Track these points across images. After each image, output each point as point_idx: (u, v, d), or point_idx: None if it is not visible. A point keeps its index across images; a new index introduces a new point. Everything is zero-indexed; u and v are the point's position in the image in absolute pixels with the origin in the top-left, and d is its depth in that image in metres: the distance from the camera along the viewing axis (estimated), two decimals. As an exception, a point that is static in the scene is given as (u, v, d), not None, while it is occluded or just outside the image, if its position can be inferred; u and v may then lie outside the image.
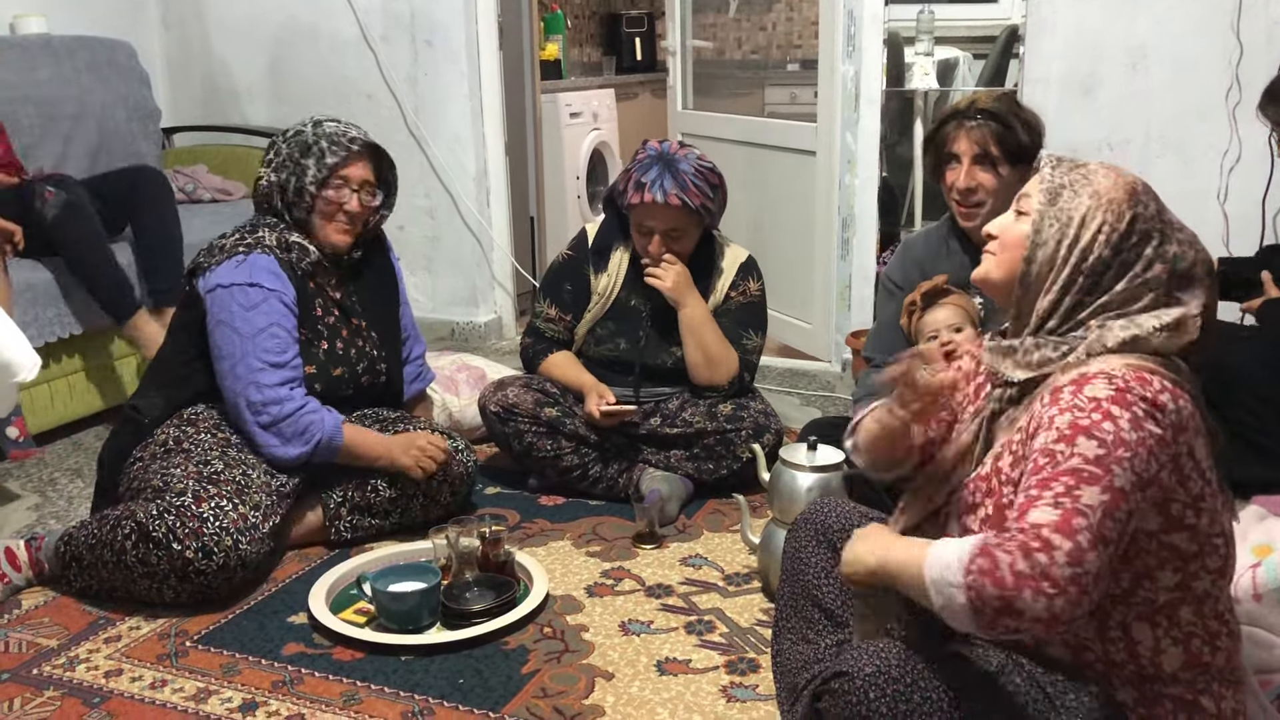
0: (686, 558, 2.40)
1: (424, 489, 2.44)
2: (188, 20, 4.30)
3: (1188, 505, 1.27)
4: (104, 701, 1.88)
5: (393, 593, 2.09)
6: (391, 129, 4.06)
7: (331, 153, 2.39)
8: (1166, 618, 1.31)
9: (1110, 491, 1.20)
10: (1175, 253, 1.33)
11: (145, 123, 3.93)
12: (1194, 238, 1.36)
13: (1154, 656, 1.31)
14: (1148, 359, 1.30)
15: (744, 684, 1.91)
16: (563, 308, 2.79)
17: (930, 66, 4.35)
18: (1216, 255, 2.84)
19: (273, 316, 2.29)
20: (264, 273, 2.30)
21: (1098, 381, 1.27)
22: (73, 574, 2.20)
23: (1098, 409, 1.24)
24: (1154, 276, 1.33)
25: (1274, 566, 1.88)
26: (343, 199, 2.41)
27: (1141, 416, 1.23)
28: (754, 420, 2.63)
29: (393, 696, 1.88)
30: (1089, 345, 1.32)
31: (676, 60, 4.25)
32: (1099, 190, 1.35)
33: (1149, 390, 1.25)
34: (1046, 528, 1.18)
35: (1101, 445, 1.22)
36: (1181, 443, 1.26)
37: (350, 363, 2.47)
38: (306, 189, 2.38)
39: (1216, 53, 3.06)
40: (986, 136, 2.26)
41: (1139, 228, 1.33)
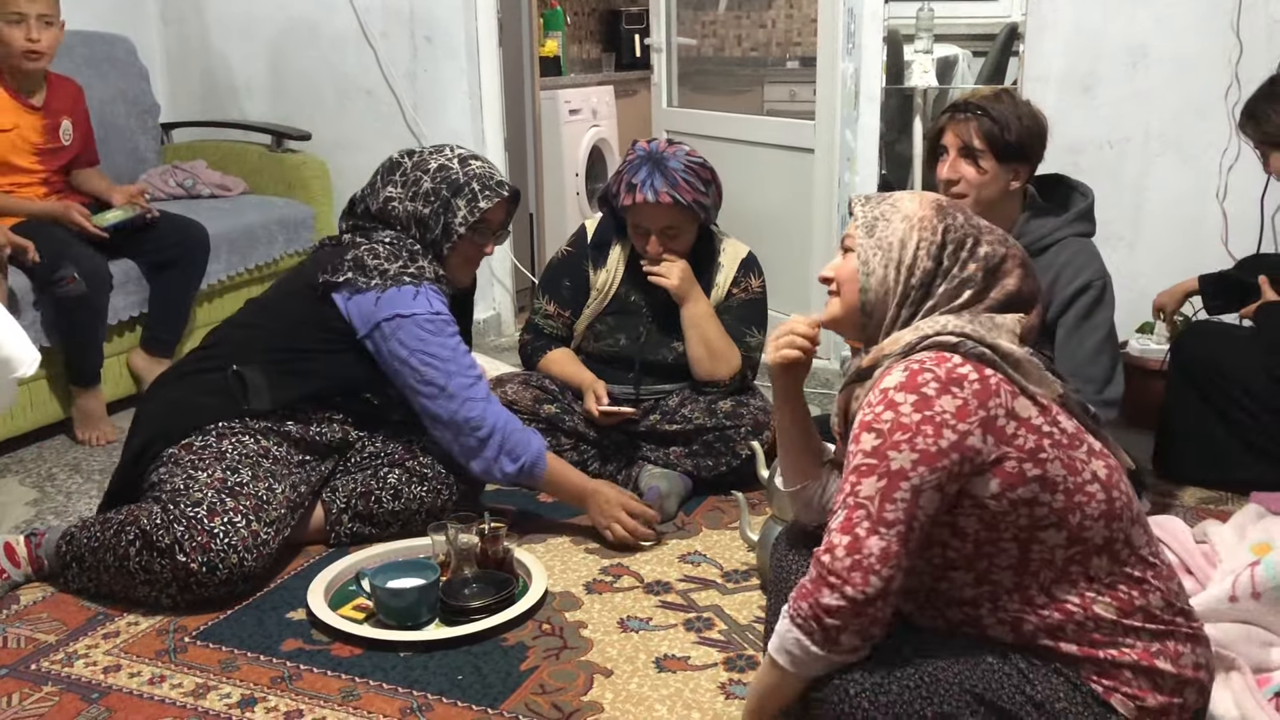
0: (685, 555, 2.40)
1: (428, 505, 2.42)
2: (187, 15, 4.29)
3: (1024, 460, 1.34)
4: (102, 697, 1.88)
5: (391, 589, 2.08)
6: (390, 125, 4.06)
7: (484, 197, 2.36)
8: (1082, 573, 1.37)
9: (886, 476, 1.32)
10: (987, 252, 1.46)
11: (144, 118, 3.92)
12: (1003, 236, 1.49)
13: (1087, 611, 1.36)
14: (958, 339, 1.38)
15: (742, 681, 1.91)
16: (562, 304, 2.79)
17: (930, 64, 4.34)
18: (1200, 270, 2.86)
19: (456, 339, 2.33)
20: (440, 304, 2.32)
21: (895, 370, 1.37)
22: (72, 574, 2.19)
23: (884, 400, 1.35)
24: (970, 275, 1.45)
25: (1273, 565, 1.88)
26: (484, 245, 2.43)
27: (933, 394, 1.33)
28: (753, 417, 2.64)
29: (391, 693, 1.88)
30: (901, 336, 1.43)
31: (662, 58, 4.23)
32: (908, 214, 1.48)
33: (944, 366, 1.35)
34: (834, 530, 1.35)
35: (878, 435, 1.34)
36: (993, 406, 1.33)
37: None
38: (455, 229, 2.35)
39: (1216, 51, 3.06)
40: (972, 130, 2.28)
41: (952, 236, 1.46)
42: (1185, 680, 1.37)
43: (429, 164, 2.39)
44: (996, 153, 2.28)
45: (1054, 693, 1.35)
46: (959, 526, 1.37)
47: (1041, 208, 2.41)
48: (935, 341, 1.38)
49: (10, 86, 3.05)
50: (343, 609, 2.14)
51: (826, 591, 1.32)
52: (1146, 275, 3.19)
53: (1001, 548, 1.36)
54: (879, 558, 1.31)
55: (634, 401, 2.72)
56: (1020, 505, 1.34)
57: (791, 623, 1.35)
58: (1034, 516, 1.35)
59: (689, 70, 5.68)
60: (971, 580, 1.39)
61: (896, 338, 1.42)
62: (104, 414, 3.06)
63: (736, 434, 2.62)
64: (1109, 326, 2.36)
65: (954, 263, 1.45)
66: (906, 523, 1.32)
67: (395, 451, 2.43)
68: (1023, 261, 1.47)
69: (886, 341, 1.44)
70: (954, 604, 1.41)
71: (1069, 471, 1.35)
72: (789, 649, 1.37)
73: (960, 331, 1.38)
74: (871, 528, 1.31)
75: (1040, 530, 1.35)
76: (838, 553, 1.32)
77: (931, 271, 1.45)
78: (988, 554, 1.37)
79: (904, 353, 1.40)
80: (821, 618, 1.32)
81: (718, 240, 2.78)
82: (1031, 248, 2.37)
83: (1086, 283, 2.33)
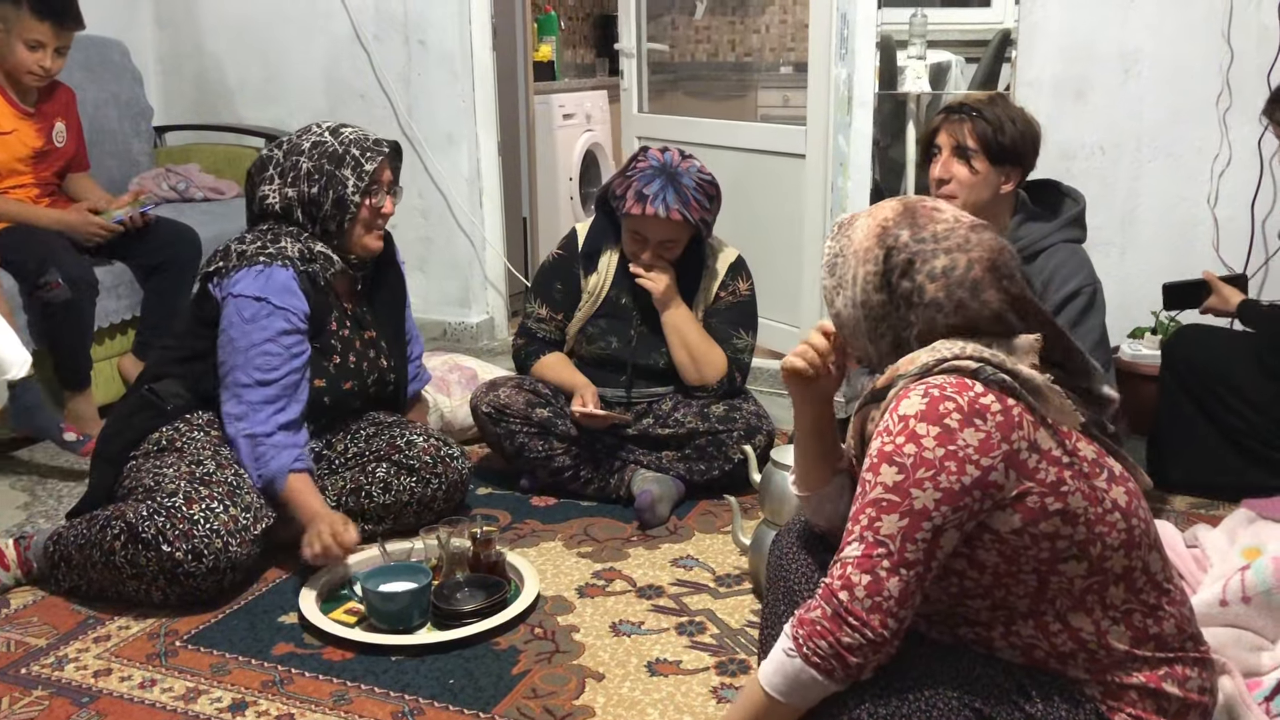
0: (678, 559, 2.40)
1: (418, 495, 2.44)
2: (180, 19, 4.29)
3: (1046, 494, 1.30)
4: (93, 701, 1.88)
5: (383, 593, 2.08)
6: (384, 129, 4.05)
7: (367, 159, 2.36)
8: (1098, 602, 1.33)
9: (909, 515, 1.27)
10: (943, 266, 1.34)
11: (137, 121, 3.92)
12: (963, 242, 1.35)
13: (1100, 639, 1.33)
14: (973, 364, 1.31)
15: (734, 685, 1.91)
16: (554, 307, 2.79)
17: (923, 70, 4.35)
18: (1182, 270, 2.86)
19: (270, 331, 2.25)
20: (277, 288, 2.26)
21: (914, 395, 1.30)
22: (61, 574, 2.19)
23: (904, 430, 1.28)
24: (933, 298, 1.35)
25: (1262, 569, 1.89)
26: (381, 204, 2.40)
27: (955, 427, 1.27)
28: (746, 421, 2.64)
29: (383, 697, 1.88)
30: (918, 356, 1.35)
31: (631, 63, 4.20)
32: (856, 246, 1.39)
33: (965, 395, 1.28)
34: (851, 564, 1.29)
35: (901, 470, 1.28)
36: (1016, 440, 1.28)
37: (361, 376, 2.47)
38: (349, 199, 2.33)
39: (1208, 58, 3.07)
40: (965, 130, 2.29)
41: (895, 261, 1.36)
42: (1190, 704, 1.35)
43: (302, 145, 2.37)
44: (989, 154, 2.29)
45: (1055, 711, 1.33)
46: (978, 559, 1.33)
47: (1033, 213, 2.42)
48: (953, 365, 1.31)
49: (4, 92, 3.05)
50: (335, 612, 2.14)
51: (847, 631, 1.28)
52: (1138, 280, 3.20)
53: (1020, 579, 1.33)
54: (899, 600, 1.28)
55: (626, 405, 2.72)
56: (1041, 539, 1.30)
57: (806, 661, 1.30)
58: (1055, 549, 1.31)
59: (682, 75, 5.70)
60: (988, 606, 1.36)
61: (913, 358, 1.35)
62: (95, 416, 3.05)
63: (729, 438, 2.62)
64: (1100, 332, 2.36)
65: (909, 287, 1.35)
66: (925, 562, 1.28)
67: (380, 448, 2.45)
68: (991, 264, 1.34)
69: (902, 361, 1.37)
70: (966, 624, 1.39)
71: (1090, 502, 1.31)
72: (799, 684, 1.32)
73: (979, 356, 1.31)
74: (892, 568, 1.27)
75: (1060, 562, 1.32)
76: (857, 592, 1.28)
77: (883, 303, 1.38)
78: (1006, 584, 1.34)
79: (920, 374, 1.33)
80: (845, 657, 1.28)
81: (708, 245, 2.78)
82: (1023, 253, 2.37)
83: (1077, 289, 2.33)
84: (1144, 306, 3.09)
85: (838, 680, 1.31)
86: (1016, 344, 1.35)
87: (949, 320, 1.35)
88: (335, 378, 2.41)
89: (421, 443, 2.46)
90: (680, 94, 5.49)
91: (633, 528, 2.54)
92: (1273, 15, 2.98)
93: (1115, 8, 3.15)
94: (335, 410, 2.43)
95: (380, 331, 2.53)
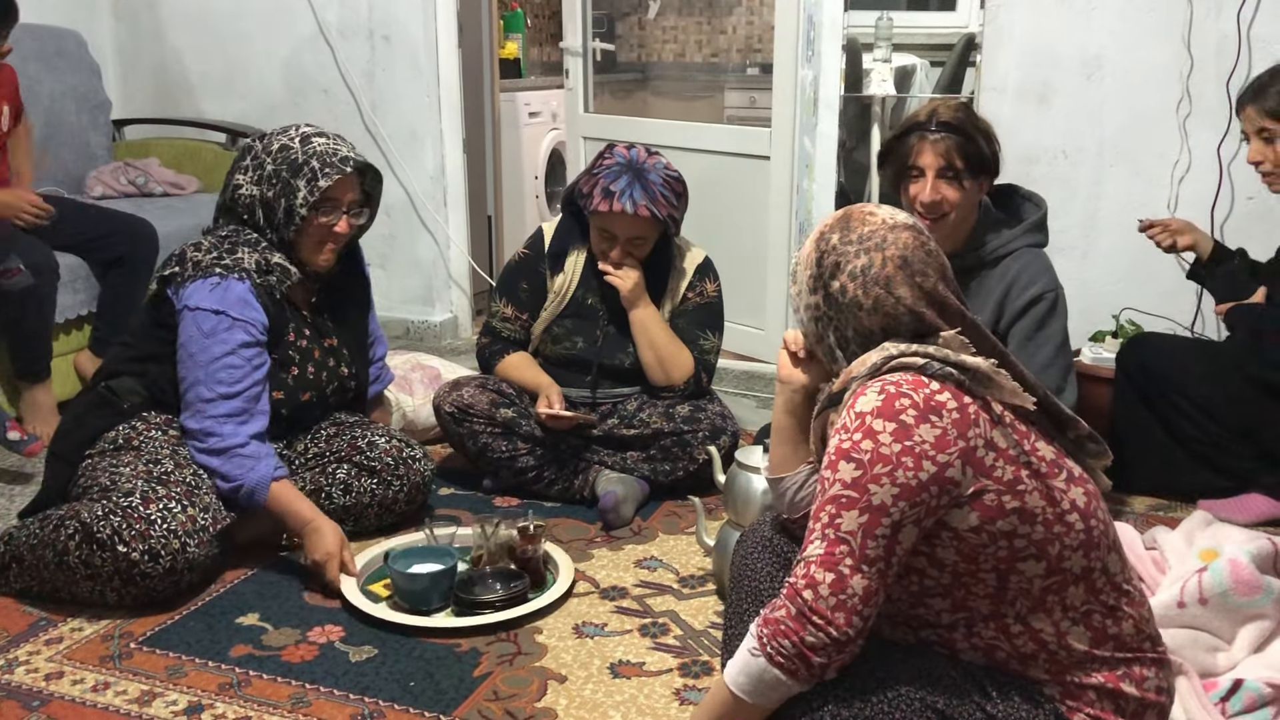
0: (641, 560, 2.39)
1: (379, 497, 2.42)
2: (139, 10, 4.23)
3: (1003, 492, 1.31)
4: (44, 705, 1.84)
5: (404, 572, 2.13)
6: (348, 125, 4.01)
7: (324, 175, 2.28)
8: (1058, 603, 1.35)
9: (869, 511, 1.29)
10: (861, 265, 1.39)
11: (95, 114, 3.85)
12: (880, 241, 1.39)
13: (1060, 639, 1.35)
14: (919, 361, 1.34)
15: (697, 686, 1.91)
16: (519, 306, 2.77)
17: (888, 73, 4.38)
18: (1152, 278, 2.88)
19: (230, 344, 2.21)
20: (234, 301, 2.22)
21: (869, 392, 1.33)
22: (13, 575, 2.15)
23: (861, 426, 1.31)
24: (853, 297, 1.39)
25: (1219, 571, 1.91)
26: (333, 223, 2.33)
27: (911, 423, 1.29)
28: (711, 422, 2.64)
29: (342, 699, 1.86)
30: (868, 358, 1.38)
31: (577, 62, 4.18)
32: (804, 253, 1.46)
33: (921, 392, 1.31)
34: (814, 563, 1.30)
35: (859, 466, 1.30)
36: (972, 436, 1.31)
37: (319, 386, 2.43)
38: (296, 211, 2.28)
39: (1168, 65, 3.11)
40: (951, 150, 2.26)
41: (824, 264, 1.41)
42: (1148, 703, 1.37)
43: (272, 145, 2.32)
44: (973, 170, 2.29)
45: (1016, 711, 1.33)
46: (937, 557, 1.34)
47: (996, 218, 2.43)
48: (901, 363, 1.34)
49: None
50: (375, 585, 2.22)
51: (811, 630, 1.29)
52: (1099, 284, 3.24)
53: (979, 578, 1.34)
54: (862, 598, 1.28)
55: (591, 405, 2.71)
56: (999, 537, 1.32)
57: (770, 661, 1.31)
58: (1013, 548, 1.32)
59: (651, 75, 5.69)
60: (948, 606, 1.37)
61: (864, 359, 1.38)
62: (54, 407, 2.99)
63: (694, 438, 2.62)
64: (1062, 337, 2.38)
65: (835, 289, 1.40)
66: (886, 559, 1.29)
67: (341, 448, 2.43)
68: (902, 260, 1.38)
69: (854, 364, 1.39)
70: (928, 626, 1.40)
71: (1048, 502, 1.33)
72: (764, 684, 1.32)
73: (924, 352, 1.34)
74: (854, 566, 1.28)
75: (1019, 561, 1.33)
76: (821, 590, 1.29)
77: (820, 304, 1.42)
78: (965, 583, 1.35)
79: (870, 373, 1.36)
80: (809, 657, 1.29)
81: (675, 246, 2.78)
82: (986, 258, 2.39)
83: (1039, 294, 2.35)
84: (1105, 310, 3.12)
85: (801, 680, 1.31)
86: (946, 341, 1.37)
87: (871, 320, 1.39)
88: (293, 389, 2.37)
89: (383, 444, 2.43)
90: (648, 94, 5.48)
91: (596, 529, 2.53)
92: (1232, 23, 3.02)
93: (1078, 14, 3.18)
94: (292, 421, 2.41)
95: (341, 339, 2.50)
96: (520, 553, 2.23)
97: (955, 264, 2.36)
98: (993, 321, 2.36)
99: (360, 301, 2.59)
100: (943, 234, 2.31)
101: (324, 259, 2.37)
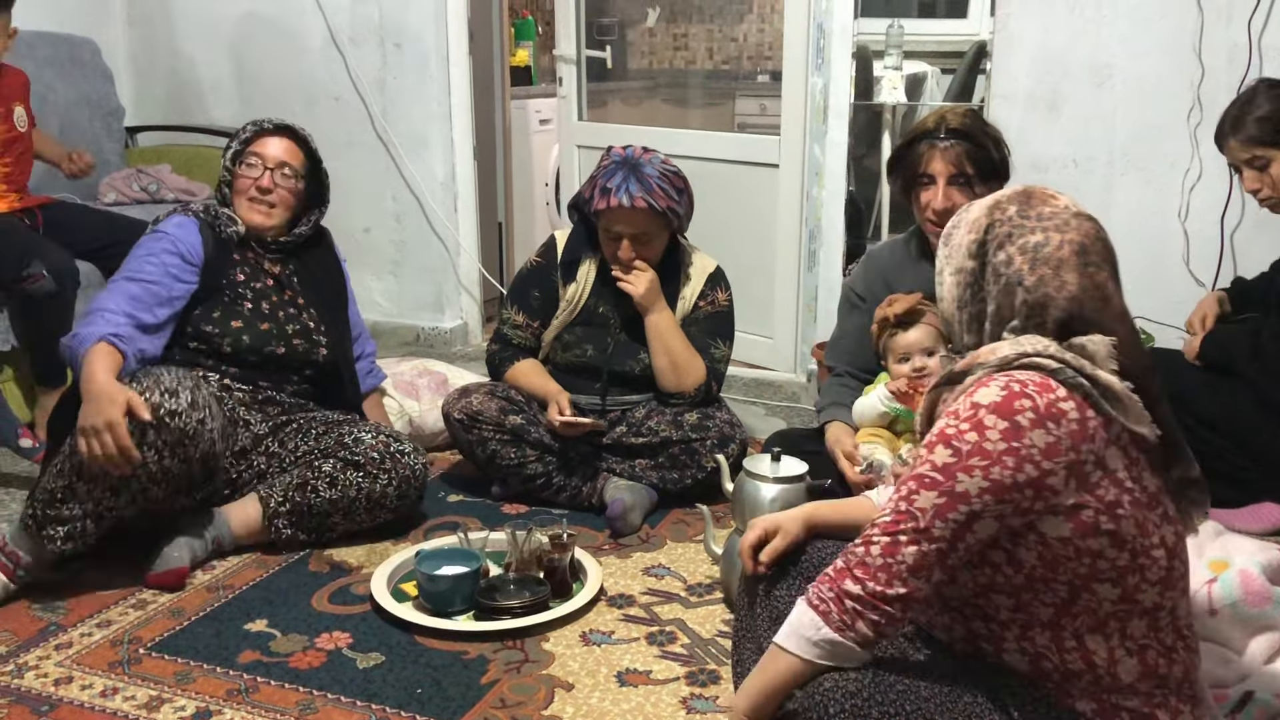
0: (649, 568, 2.39)
1: (366, 491, 2.41)
2: (153, 18, 4.25)
3: (1101, 512, 1.29)
4: (52, 710, 1.85)
5: (428, 574, 2.15)
6: (359, 132, 4.03)
7: (247, 129, 2.55)
8: (1118, 630, 1.33)
9: (948, 495, 1.28)
10: (1035, 241, 1.35)
11: (108, 121, 3.88)
12: (1062, 224, 1.36)
13: (1110, 666, 1.33)
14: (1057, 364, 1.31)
15: (704, 695, 1.90)
16: (530, 314, 2.78)
17: (899, 81, 4.37)
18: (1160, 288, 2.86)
19: (153, 250, 2.41)
20: (172, 225, 2.46)
21: (993, 385, 1.30)
22: (52, 531, 2.14)
23: (972, 419, 1.29)
24: (1017, 270, 1.35)
25: (1229, 582, 1.90)
26: (254, 174, 2.51)
27: (1026, 425, 1.27)
28: (719, 430, 2.63)
29: (349, 706, 1.86)
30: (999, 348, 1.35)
31: (571, 70, 4.18)
32: (970, 218, 1.42)
33: (1045, 397, 1.28)
34: (877, 527, 1.32)
35: (955, 454, 1.28)
36: (1085, 451, 1.28)
37: (279, 321, 2.51)
38: (226, 165, 2.53)
39: (1179, 73, 3.10)
40: (961, 157, 2.26)
41: (995, 232, 1.38)
42: None
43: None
44: (984, 176, 2.29)
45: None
46: (1017, 557, 1.32)
47: None
48: (1035, 362, 1.30)
49: None
50: (407, 584, 2.26)
51: (849, 580, 1.31)
52: (1109, 293, 3.22)
53: (1052, 587, 1.32)
54: (910, 567, 1.29)
55: (600, 412, 2.71)
56: (1085, 554, 1.30)
57: (808, 605, 1.34)
58: (1094, 568, 1.30)
59: (661, 83, 5.69)
60: (1011, 605, 1.35)
61: (994, 348, 1.35)
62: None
63: (702, 446, 2.62)
64: None
65: (1003, 258, 1.36)
66: (951, 542, 1.28)
67: (328, 445, 2.43)
68: (1080, 247, 1.34)
69: (984, 350, 1.36)
70: (982, 619, 1.38)
71: (1140, 533, 1.31)
72: (803, 633, 1.34)
73: (1060, 357, 1.30)
74: (913, 538, 1.29)
75: (1096, 582, 1.31)
76: (873, 549, 1.30)
77: (974, 270, 1.38)
78: (1036, 589, 1.33)
79: (999, 365, 1.32)
80: (843, 601, 1.31)
81: (686, 253, 2.78)
82: None
83: None
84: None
85: (833, 625, 1.31)
86: (1093, 349, 1.32)
87: (1024, 299, 1.34)
88: (251, 319, 2.48)
89: (369, 440, 2.43)
90: (658, 101, 5.49)
91: (604, 536, 2.53)
92: (1243, 32, 3.01)
93: (1089, 22, 3.17)
94: (262, 357, 2.48)
95: (308, 300, 2.60)
96: (548, 560, 2.23)
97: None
98: None
99: (333, 280, 2.70)
100: None
101: (255, 216, 2.52)
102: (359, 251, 4.15)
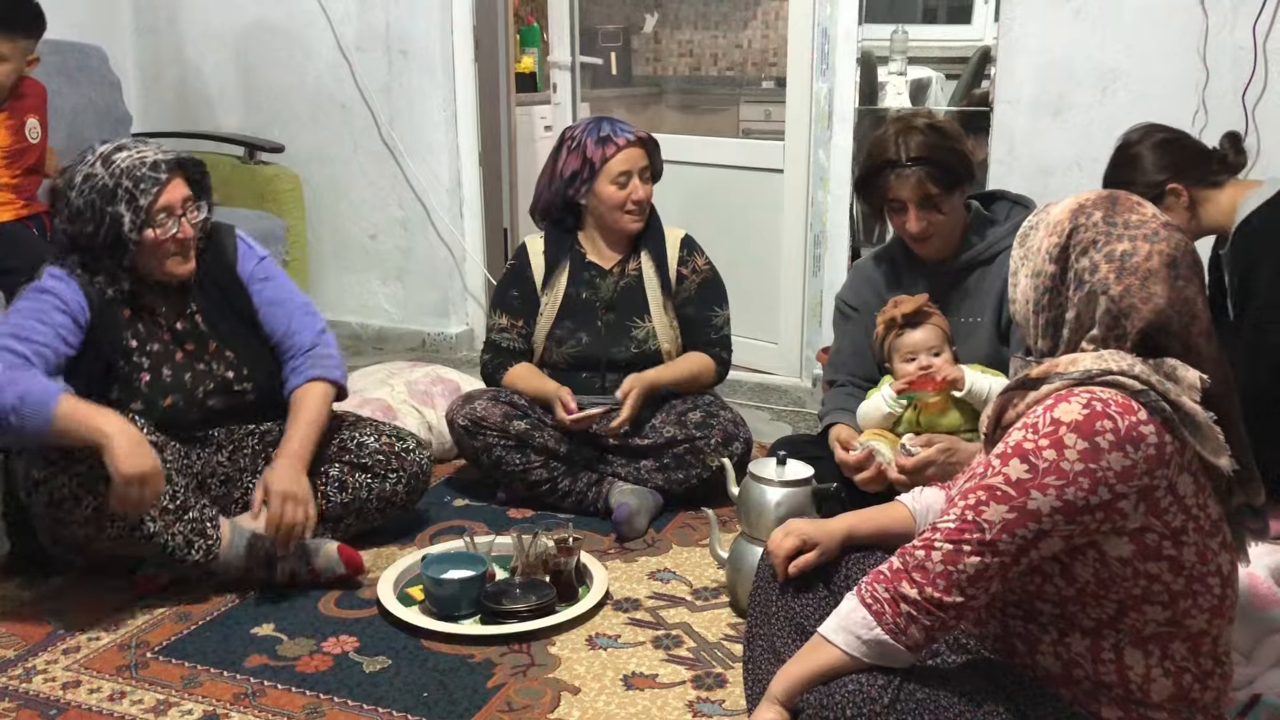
0: (655, 572, 2.39)
1: (376, 491, 2.41)
2: (161, 26, 4.27)
3: (1165, 537, 1.28)
4: (60, 714, 1.85)
5: (434, 578, 2.15)
6: (365, 139, 4.05)
7: (142, 192, 2.16)
8: (1159, 649, 1.32)
9: (1019, 511, 1.26)
10: (1123, 250, 1.32)
11: (116, 128, 3.88)
12: (1152, 234, 1.32)
13: (1144, 684, 1.32)
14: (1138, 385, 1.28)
15: (710, 699, 1.91)
16: (513, 314, 2.80)
17: (903, 86, 4.37)
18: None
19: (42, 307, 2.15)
20: (51, 280, 2.19)
21: (1075, 402, 1.27)
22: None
23: (1052, 435, 1.26)
24: (1102, 278, 1.32)
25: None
26: (171, 231, 2.21)
27: (1105, 447, 1.24)
28: (723, 428, 2.64)
29: (356, 710, 1.86)
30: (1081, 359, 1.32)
31: (565, 76, 4.20)
32: (1050, 220, 1.39)
33: (1127, 420, 1.25)
34: (940, 531, 1.30)
35: (1031, 470, 1.26)
36: (1159, 476, 1.26)
37: (185, 388, 2.30)
38: (127, 238, 2.16)
39: (1184, 77, 3.10)
40: (924, 181, 2.26)
41: (1079, 237, 1.34)
42: None
43: (75, 178, 2.19)
44: (950, 189, 2.30)
45: None
46: (1073, 572, 1.31)
47: (986, 218, 2.43)
48: (1117, 380, 1.27)
49: None
50: (413, 588, 2.26)
51: (907, 584, 1.30)
52: (1115, 297, 3.22)
53: (1102, 603, 1.31)
54: (971, 578, 1.28)
55: (601, 405, 2.71)
56: (1141, 577, 1.29)
57: (861, 603, 1.33)
58: (1148, 590, 1.29)
59: (666, 89, 5.71)
60: (1054, 611, 1.35)
61: (1074, 359, 1.32)
62: None
63: (706, 445, 2.62)
64: None
65: (1086, 265, 1.32)
66: (1015, 556, 1.27)
67: (330, 453, 2.42)
68: (1171, 259, 1.30)
69: (1063, 359, 1.33)
70: (1022, 617, 1.37)
71: (1199, 559, 1.30)
72: (853, 630, 1.33)
73: (1145, 379, 1.27)
74: (977, 549, 1.27)
75: (1147, 603, 1.30)
76: (934, 555, 1.29)
77: (1055, 276, 1.35)
78: (1085, 602, 1.32)
79: (1080, 379, 1.29)
80: (897, 604, 1.30)
81: (658, 218, 2.85)
82: (981, 256, 2.38)
83: None
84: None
85: (886, 626, 1.30)
86: (1181, 375, 1.29)
87: (1106, 308, 1.31)
88: (150, 396, 2.26)
89: (373, 442, 2.43)
90: (662, 107, 5.50)
91: (610, 540, 2.54)
92: (1248, 36, 3.01)
93: (1093, 27, 3.17)
94: (178, 426, 2.29)
95: (220, 341, 2.36)
96: (553, 564, 2.23)
97: (953, 265, 2.40)
98: (995, 317, 2.35)
99: (238, 300, 2.40)
100: (937, 246, 2.35)
101: (178, 268, 2.26)
102: (365, 257, 4.17)
